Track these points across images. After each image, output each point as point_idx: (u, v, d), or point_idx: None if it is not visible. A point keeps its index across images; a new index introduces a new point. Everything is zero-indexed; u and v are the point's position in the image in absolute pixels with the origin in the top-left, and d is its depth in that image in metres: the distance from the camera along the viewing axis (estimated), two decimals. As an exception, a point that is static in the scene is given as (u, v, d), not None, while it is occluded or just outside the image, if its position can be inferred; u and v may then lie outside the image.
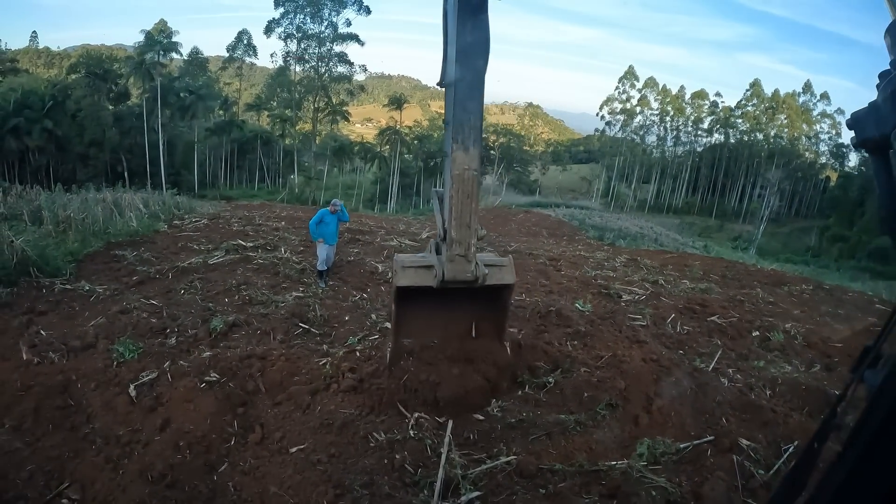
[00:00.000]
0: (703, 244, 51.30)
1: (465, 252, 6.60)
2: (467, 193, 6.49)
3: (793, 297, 17.61)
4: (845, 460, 1.19)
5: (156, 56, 70.88)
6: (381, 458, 6.06)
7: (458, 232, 6.55)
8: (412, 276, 6.88)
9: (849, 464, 1.18)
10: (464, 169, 6.43)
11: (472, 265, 6.67)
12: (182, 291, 11.63)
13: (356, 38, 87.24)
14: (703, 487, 5.70)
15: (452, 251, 6.59)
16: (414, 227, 24.80)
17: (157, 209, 20.91)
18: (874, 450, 1.15)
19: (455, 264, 6.62)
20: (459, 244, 6.57)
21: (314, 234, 13.29)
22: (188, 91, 76.21)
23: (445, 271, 6.62)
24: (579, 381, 8.04)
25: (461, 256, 6.60)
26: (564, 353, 9.00)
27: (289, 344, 9.42)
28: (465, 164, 6.42)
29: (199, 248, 15.37)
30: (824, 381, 9.37)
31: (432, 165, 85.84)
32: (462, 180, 6.45)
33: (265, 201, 45.11)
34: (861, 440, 1.16)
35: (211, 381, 7.58)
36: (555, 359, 8.70)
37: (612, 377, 8.11)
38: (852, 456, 1.18)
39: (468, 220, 6.55)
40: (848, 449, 1.19)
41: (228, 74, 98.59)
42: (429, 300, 7.37)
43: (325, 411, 7.09)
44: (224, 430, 6.72)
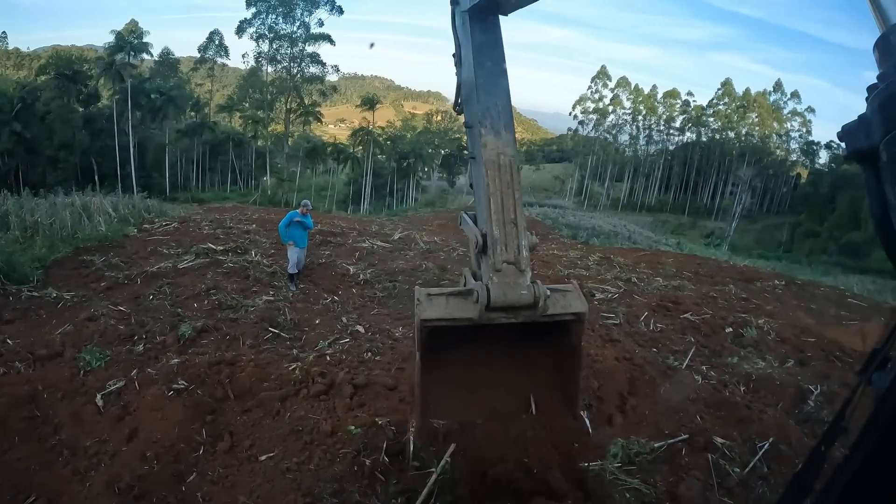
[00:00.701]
0: (677, 241, 51.73)
1: (515, 258, 4.73)
2: (507, 182, 4.93)
3: (766, 293, 17.69)
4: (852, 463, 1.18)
5: (126, 57, 70.13)
6: (352, 464, 5.95)
7: (502, 232, 4.78)
8: (443, 308, 4.84)
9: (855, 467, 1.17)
10: (499, 154, 5.00)
11: (527, 278, 4.73)
12: (151, 297, 11.44)
13: (328, 39, 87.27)
14: (678, 488, 5.68)
15: (497, 256, 4.71)
16: (387, 229, 24.66)
17: (127, 213, 20.58)
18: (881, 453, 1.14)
19: (503, 276, 4.68)
20: (506, 246, 4.74)
21: (284, 237, 13.19)
22: (159, 92, 75.60)
23: (492, 290, 4.59)
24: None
25: (510, 264, 4.71)
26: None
27: (258, 349, 9.30)
28: (498, 147, 5.03)
29: (169, 252, 15.14)
30: (798, 376, 9.37)
31: (405, 166, 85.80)
32: (498, 166, 4.95)
33: (237, 203, 44.84)
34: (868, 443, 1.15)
35: (179, 388, 7.42)
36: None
37: (585, 377, 7.87)
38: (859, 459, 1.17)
39: (513, 216, 4.84)
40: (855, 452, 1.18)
41: (200, 75, 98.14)
42: (468, 347, 5.44)
43: (294, 417, 7.00)
44: (192, 438, 6.59)
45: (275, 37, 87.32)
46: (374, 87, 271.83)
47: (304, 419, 6.93)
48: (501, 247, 4.70)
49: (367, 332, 10.44)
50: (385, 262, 16.00)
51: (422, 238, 21.20)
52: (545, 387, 5.82)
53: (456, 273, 14.99)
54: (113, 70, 69.33)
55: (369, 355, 8.98)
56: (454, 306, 4.81)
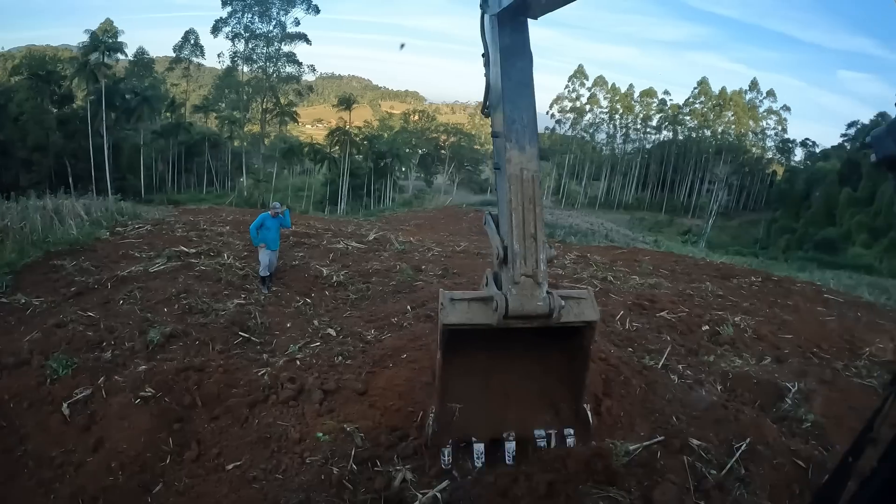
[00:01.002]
0: (654, 239, 52.10)
1: (533, 271, 5.22)
2: (529, 197, 5.38)
3: (742, 290, 17.73)
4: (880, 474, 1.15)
5: (100, 57, 69.14)
6: (319, 473, 5.85)
7: (522, 244, 5.26)
8: (464, 312, 5.34)
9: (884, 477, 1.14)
10: (522, 168, 5.42)
11: (544, 290, 5.23)
12: (121, 302, 11.18)
13: (304, 38, 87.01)
14: (653, 492, 5.56)
15: (517, 270, 5.19)
16: (363, 229, 24.52)
17: (100, 216, 20.15)
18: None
19: (521, 288, 5.17)
20: (525, 260, 5.22)
21: (255, 240, 13.03)
22: (134, 93, 74.97)
23: (510, 301, 5.10)
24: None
25: (528, 277, 5.20)
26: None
27: (228, 354, 9.13)
28: (522, 163, 5.44)
29: (141, 255, 14.84)
30: (775, 373, 9.36)
31: (382, 166, 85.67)
32: (521, 181, 5.39)
33: (213, 205, 44.44)
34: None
35: (146, 396, 7.24)
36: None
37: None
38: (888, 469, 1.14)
39: (533, 230, 5.30)
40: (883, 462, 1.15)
41: (175, 75, 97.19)
42: (485, 346, 5.95)
43: (263, 424, 6.91)
44: (159, 447, 6.47)
45: (250, 36, 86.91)
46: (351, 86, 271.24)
47: (273, 426, 6.83)
48: (521, 261, 5.18)
49: (338, 336, 10.31)
50: (359, 264, 15.83)
51: (397, 238, 21.04)
52: (555, 381, 6.25)
53: (430, 273, 15.07)
54: (87, 70, 68.30)
55: (340, 359, 8.82)
56: (475, 311, 5.31)
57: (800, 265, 47.25)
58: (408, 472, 5.91)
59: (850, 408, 8.07)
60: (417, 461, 6.18)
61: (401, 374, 8.03)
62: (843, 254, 71.90)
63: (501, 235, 5.48)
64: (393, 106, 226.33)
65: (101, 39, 70.57)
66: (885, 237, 74.06)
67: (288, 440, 6.54)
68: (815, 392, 8.47)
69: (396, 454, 6.24)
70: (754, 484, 5.87)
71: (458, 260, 17.60)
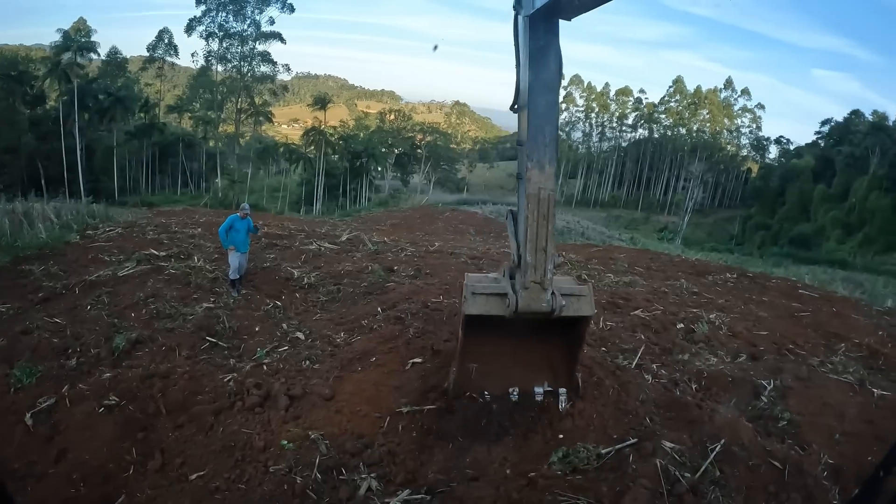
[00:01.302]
0: (630, 236, 52.16)
1: (541, 279, 6.20)
2: (543, 214, 6.19)
3: (717, 287, 17.75)
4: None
5: (73, 56, 68.49)
6: (282, 482, 5.73)
7: (534, 257, 6.20)
8: (483, 305, 6.41)
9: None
10: (539, 188, 6.18)
11: (549, 294, 6.24)
12: (88, 307, 10.98)
13: (279, 37, 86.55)
14: (624, 498, 5.44)
15: (527, 277, 6.20)
16: (338, 230, 24.34)
17: (70, 219, 19.93)
18: None
19: (530, 293, 6.21)
20: (535, 270, 6.20)
21: (224, 242, 12.79)
22: (107, 93, 73.94)
23: (519, 301, 6.19)
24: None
25: (536, 284, 6.21)
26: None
27: (194, 360, 8.95)
28: (540, 182, 6.18)
29: (110, 259, 14.60)
30: (751, 371, 9.30)
31: (358, 165, 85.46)
32: (538, 200, 6.18)
33: (188, 207, 44.00)
34: None
35: (110, 404, 7.07)
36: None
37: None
38: None
39: (544, 244, 6.22)
40: None
41: (149, 75, 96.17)
42: (498, 326, 6.84)
43: (227, 432, 6.75)
44: (122, 458, 6.31)
45: (225, 35, 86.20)
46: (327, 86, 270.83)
47: (237, 434, 6.69)
48: (531, 270, 6.17)
49: (307, 339, 10.14)
50: (331, 265, 15.62)
51: (370, 239, 20.88)
52: (553, 355, 7.32)
53: (402, 274, 14.89)
54: (59, 70, 67.56)
55: (308, 363, 8.69)
56: (491, 304, 6.39)
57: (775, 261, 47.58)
58: (373, 481, 5.85)
59: (825, 404, 8.01)
60: (383, 468, 6.10)
61: (369, 377, 7.96)
62: (817, 249, 72.78)
63: (518, 241, 6.40)
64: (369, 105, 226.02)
65: (73, 39, 70.00)
66: (859, 232, 75.18)
67: (252, 448, 6.41)
68: (791, 389, 8.42)
69: (362, 461, 6.17)
70: (729, 486, 5.76)
71: (432, 260, 17.44)
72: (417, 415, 7.19)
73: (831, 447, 6.88)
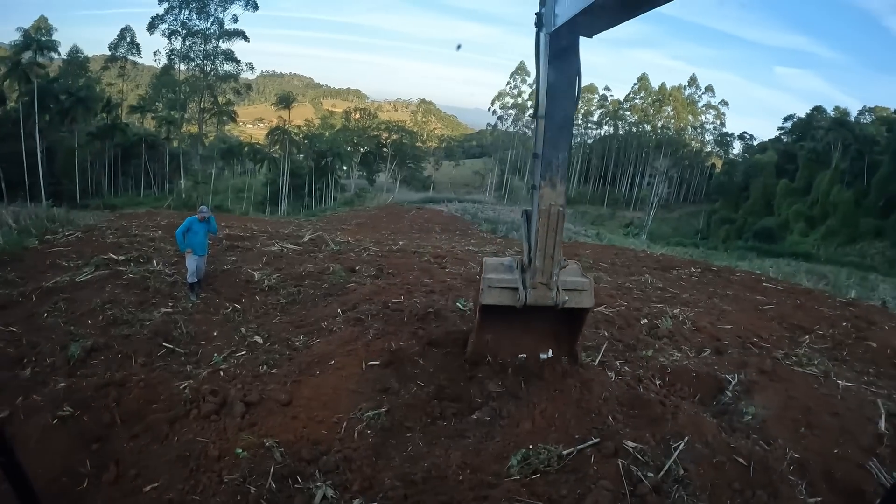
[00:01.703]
0: (596, 232, 52.45)
1: (548, 281, 7.21)
2: (553, 227, 7.04)
3: (682, 281, 17.85)
4: None
5: (34, 56, 67.13)
6: (236, 493, 5.54)
7: (542, 262, 7.13)
8: (497, 296, 7.40)
9: None
10: (550, 204, 6.99)
11: (554, 292, 7.28)
12: (45, 315, 10.67)
13: (242, 35, 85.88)
14: (585, 500, 5.37)
15: (536, 279, 7.21)
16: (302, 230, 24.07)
17: (29, 223, 19.36)
18: None
19: (537, 291, 7.25)
20: (543, 273, 7.18)
21: (181, 245, 12.55)
22: (68, 93, 72.25)
23: (528, 296, 7.25)
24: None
25: (543, 285, 7.22)
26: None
27: (151, 367, 8.72)
28: (551, 199, 6.98)
29: (69, 264, 14.22)
30: (715, 365, 9.32)
31: (323, 165, 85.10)
32: (548, 215, 7.01)
33: (151, 209, 43.36)
34: None
35: (64, 415, 6.74)
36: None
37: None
38: None
39: (552, 252, 7.13)
40: None
41: (111, 75, 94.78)
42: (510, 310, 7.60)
43: (182, 441, 6.50)
44: (77, 470, 6.02)
45: (188, 33, 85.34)
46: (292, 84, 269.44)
47: (192, 443, 6.45)
48: (539, 273, 7.18)
49: (265, 343, 10.03)
50: (293, 266, 15.40)
51: (334, 239, 20.67)
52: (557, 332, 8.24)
53: (364, 274, 14.71)
54: (19, 70, 66.14)
55: (265, 368, 8.55)
56: (504, 296, 7.40)
57: (739, 254, 48.27)
58: (329, 489, 5.74)
59: (790, 398, 8.00)
60: (339, 476, 5.98)
61: (328, 381, 7.85)
62: (781, 242, 73.78)
63: (530, 245, 7.30)
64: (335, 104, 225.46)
65: (34, 37, 68.64)
66: (822, 225, 76.18)
67: (207, 458, 6.18)
68: (755, 383, 8.44)
69: (318, 469, 6.05)
70: (693, 485, 5.69)
71: (395, 259, 17.28)
72: (375, 418, 7.09)
73: (797, 441, 6.87)
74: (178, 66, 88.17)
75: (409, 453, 6.50)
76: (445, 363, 8.39)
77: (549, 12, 6.58)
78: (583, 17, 5.52)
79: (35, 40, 67.80)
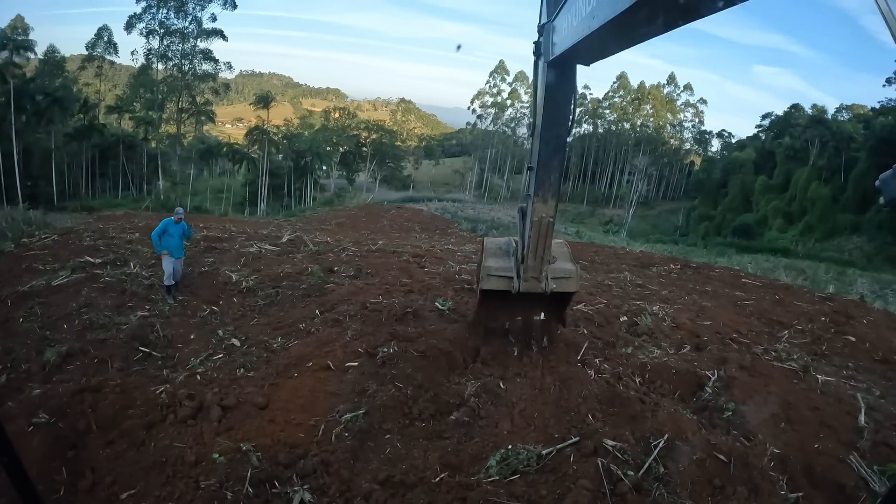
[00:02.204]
0: (576, 230, 52.60)
1: (538, 275, 8.25)
2: (543, 235, 7.97)
3: (661, 278, 17.92)
4: None
5: (10, 56, 66.33)
6: (212, 498, 5.51)
7: (534, 261, 8.17)
8: (495, 283, 8.49)
9: None
10: (542, 216, 7.84)
11: (542, 282, 8.31)
12: (21, 320, 10.54)
13: (221, 34, 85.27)
14: (564, 501, 5.37)
15: (528, 274, 8.26)
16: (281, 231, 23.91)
17: (5, 227, 18.98)
18: None
19: (528, 282, 8.30)
20: (533, 269, 8.22)
21: (157, 247, 12.40)
22: (44, 93, 71.22)
23: (521, 285, 8.31)
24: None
25: (534, 278, 8.26)
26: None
27: (127, 372, 8.62)
28: (543, 212, 7.83)
29: (45, 268, 14.00)
30: (694, 362, 9.35)
31: (303, 165, 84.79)
32: (540, 225, 7.89)
33: (129, 210, 42.92)
34: None
35: (39, 422, 6.69)
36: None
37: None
38: None
39: (542, 254, 8.12)
40: None
41: (88, 75, 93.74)
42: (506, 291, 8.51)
43: (159, 447, 6.47)
44: (52, 479, 5.96)
45: (165, 32, 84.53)
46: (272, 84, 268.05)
47: (169, 448, 6.42)
48: (531, 270, 8.20)
49: (243, 346, 9.95)
50: (270, 267, 15.29)
51: (312, 239, 20.58)
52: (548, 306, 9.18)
53: (342, 275, 14.60)
54: (-5, 70, 65.77)
55: (242, 371, 8.50)
56: (501, 283, 8.41)
57: (718, 251, 48.54)
58: (306, 493, 5.71)
59: (770, 393, 8.06)
60: (317, 480, 5.94)
61: (305, 384, 7.84)
62: (759, 238, 74.21)
63: (524, 243, 8.21)
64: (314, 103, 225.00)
65: (10, 37, 67.91)
66: (800, 221, 76.74)
67: (184, 463, 6.14)
68: (735, 379, 8.46)
69: (295, 473, 6.01)
70: (674, 482, 5.72)
71: (374, 259, 17.16)
72: (352, 421, 7.03)
73: (777, 437, 6.90)
74: (155, 66, 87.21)
75: (388, 455, 6.46)
76: (423, 364, 8.34)
77: (546, 42, 6.93)
78: (580, 46, 5.59)
79: (11, 40, 66.90)
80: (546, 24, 6.90)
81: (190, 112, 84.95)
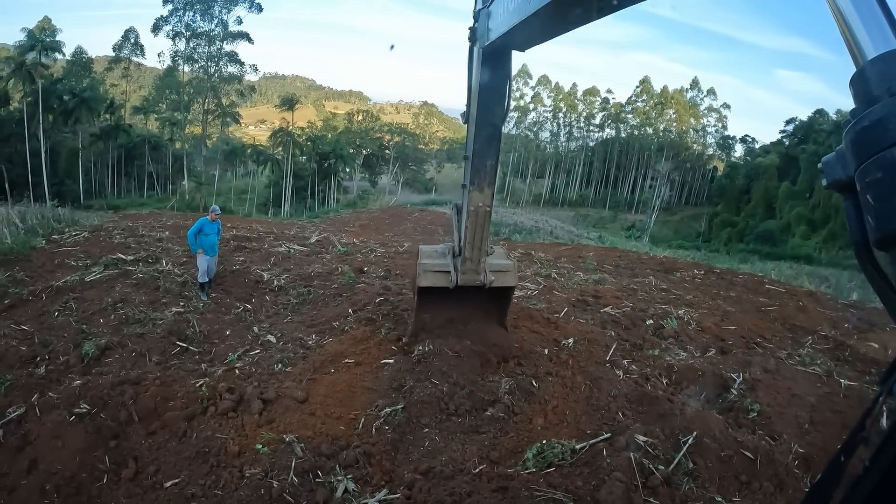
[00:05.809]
0: (598, 235, 52.38)
1: (476, 267, 8.32)
2: (480, 224, 8.08)
3: (685, 283, 17.90)
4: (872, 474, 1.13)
5: (38, 56, 66.77)
6: (258, 487, 5.62)
7: (471, 252, 8.23)
8: (432, 279, 8.48)
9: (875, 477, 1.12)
10: (478, 206, 7.98)
11: (481, 273, 8.37)
12: (56, 314, 10.78)
13: (246, 37, 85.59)
14: (600, 492, 5.48)
15: (466, 266, 8.32)
16: (306, 232, 24.14)
17: (36, 223, 19.39)
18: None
19: (467, 275, 8.35)
20: (471, 261, 8.29)
21: (193, 246, 12.60)
22: (72, 94, 71.70)
23: (459, 277, 8.36)
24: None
25: (472, 270, 8.33)
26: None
27: (165, 365, 8.83)
28: (479, 201, 7.97)
29: (77, 264, 14.30)
30: (720, 364, 9.42)
31: (326, 167, 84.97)
32: (477, 214, 8.01)
33: (154, 210, 43.24)
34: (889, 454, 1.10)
35: (81, 413, 6.83)
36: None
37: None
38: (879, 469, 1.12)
39: (479, 244, 8.20)
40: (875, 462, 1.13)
41: (115, 76, 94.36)
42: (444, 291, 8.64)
43: (201, 438, 6.62)
44: (95, 467, 6.14)
45: (192, 35, 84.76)
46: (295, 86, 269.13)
47: (211, 439, 6.57)
48: (468, 260, 8.27)
49: (278, 342, 10.11)
50: (301, 267, 15.53)
51: (340, 240, 20.82)
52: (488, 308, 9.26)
53: (372, 275, 14.84)
54: (23, 71, 65.53)
55: (280, 367, 8.67)
56: (439, 279, 8.45)
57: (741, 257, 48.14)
58: (349, 482, 5.83)
59: (794, 395, 8.16)
60: (359, 470, 6.07)
61: (342, 379, 7.99)
62: (783, 245, 73.63)
63: (460, 236, 8.37)
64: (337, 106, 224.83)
65: (38, 38, 68.35)
66: (824, 228, 76.04)
67: (227, 454, 6.31)
68: (759, 381, 8.56)
69: (338, 463, 6.13)
70: (702, 477, 5.85)
71: (402, 260, 17.38)
72: (391, 415, 7.18)
73: (801, 437, 6.99)
74: (181, 68, 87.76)
75: (427, 448, 6.62)
76: (457, 362, 8.41)
77: (482, 27, 7.07)
78: (515, 31, 5.90)
79: (39, 41, 67.44)
80: (482, 9, 7.06)
81: (215, 113, 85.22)
